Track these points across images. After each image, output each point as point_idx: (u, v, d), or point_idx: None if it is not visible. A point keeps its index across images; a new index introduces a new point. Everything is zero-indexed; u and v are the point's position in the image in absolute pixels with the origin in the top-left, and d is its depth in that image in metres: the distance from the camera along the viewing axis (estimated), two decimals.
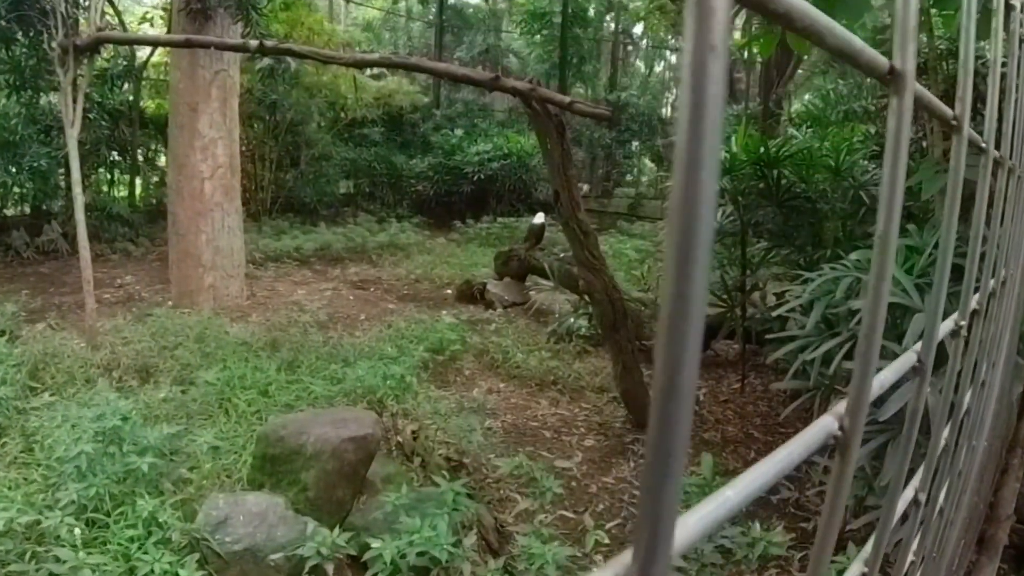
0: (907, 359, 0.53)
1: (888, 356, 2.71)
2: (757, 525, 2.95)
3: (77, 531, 2.63)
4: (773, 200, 4.72)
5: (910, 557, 0.72)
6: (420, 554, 2.43)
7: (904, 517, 0.69)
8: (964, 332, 0.66)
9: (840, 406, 0.40)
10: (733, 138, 4.98)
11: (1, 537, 2.55)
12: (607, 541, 3.21)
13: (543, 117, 3.64)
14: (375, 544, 2.42)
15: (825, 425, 0.39)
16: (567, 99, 3.56)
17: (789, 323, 3.88)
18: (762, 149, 4.59)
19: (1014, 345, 2.67)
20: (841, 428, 0.40)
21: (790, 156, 4.63)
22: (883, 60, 0.37)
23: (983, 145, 0.68)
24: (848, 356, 3.18)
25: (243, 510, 2.73)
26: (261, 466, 3.08)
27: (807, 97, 13.11)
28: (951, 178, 0.50)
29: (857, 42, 0.33)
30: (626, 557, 0.23)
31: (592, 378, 5.40)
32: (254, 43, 4.83)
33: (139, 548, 2.63)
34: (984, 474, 2.86)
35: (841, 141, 4.71)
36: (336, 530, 2.63)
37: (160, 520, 2.73)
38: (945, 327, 0.64)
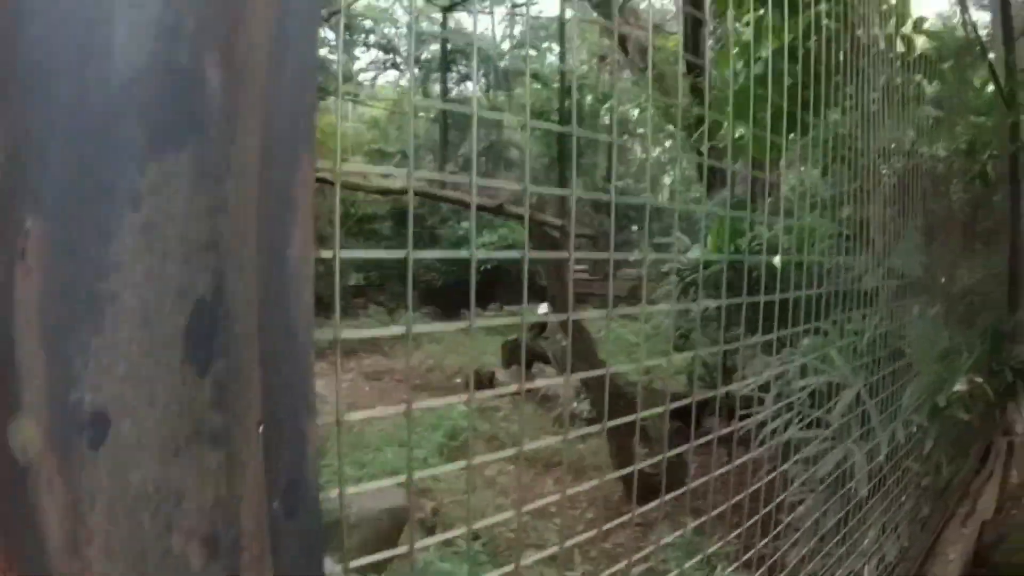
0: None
1: (823, 426, 3.45)
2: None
3: None
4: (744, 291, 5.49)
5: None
6: None
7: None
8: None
9: None
10: (709, 236, 5.78)
11: None
12: None
13: (540, 235, 4.49)
14: None
15: None
16: (559, 222, 4.43)
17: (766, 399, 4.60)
18: (732, 247, 5.39)
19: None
20: None
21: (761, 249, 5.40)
22: None
23: None
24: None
25: None
26: None
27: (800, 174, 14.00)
28: None
29: None
30: None
31: (594, 457, 6.09)
32: None
33: None
34: (916, 516, 3.50)
35: (809, 234, 5.49)
36: None
37: None
38: None
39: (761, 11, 2.80)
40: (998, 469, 4.74)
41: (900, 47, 3.31)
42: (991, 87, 4.87)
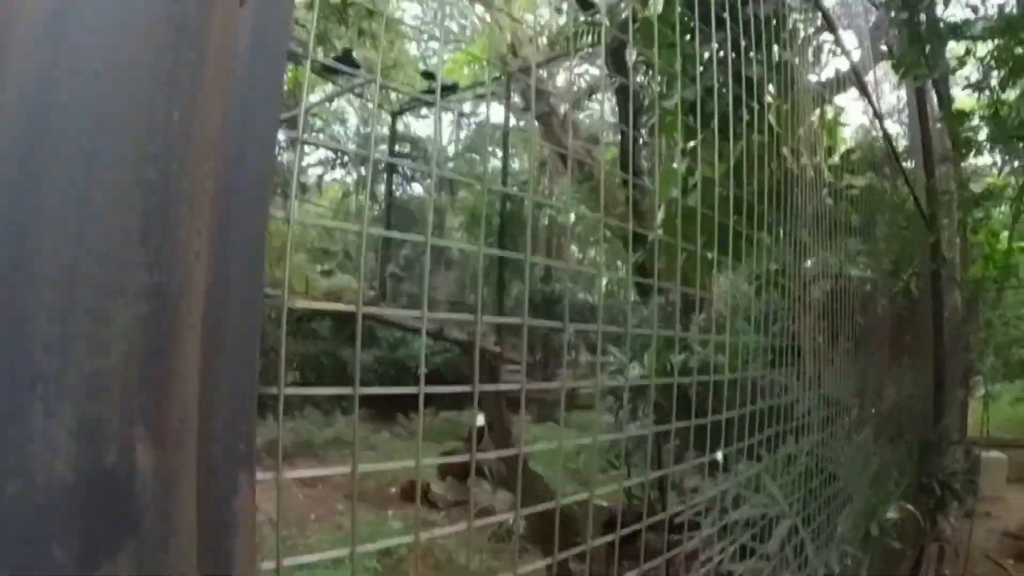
0: None
1: (756, 555, 3.34)
2: None
3: None
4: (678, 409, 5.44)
5: None
6: None
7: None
8: None
9: None
10: (646, 355, 5.74)
11: None
12: None
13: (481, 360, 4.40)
14: None
15: None
16: (498, 350, 4.39)
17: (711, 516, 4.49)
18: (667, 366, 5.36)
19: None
20: None
21: (693, 369, 5.40)
22: None
23: None
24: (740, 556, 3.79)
25: None
26: None
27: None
28: None
29: None
30: None
31: None
32: None
33: None
34: None
35: (736, 353, 5.52)
36: None
37: None
38: None
39: (698, 139, 2.84)
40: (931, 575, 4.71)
41: (828, 176, 3.41)
42: (911, 199, 5.08)
